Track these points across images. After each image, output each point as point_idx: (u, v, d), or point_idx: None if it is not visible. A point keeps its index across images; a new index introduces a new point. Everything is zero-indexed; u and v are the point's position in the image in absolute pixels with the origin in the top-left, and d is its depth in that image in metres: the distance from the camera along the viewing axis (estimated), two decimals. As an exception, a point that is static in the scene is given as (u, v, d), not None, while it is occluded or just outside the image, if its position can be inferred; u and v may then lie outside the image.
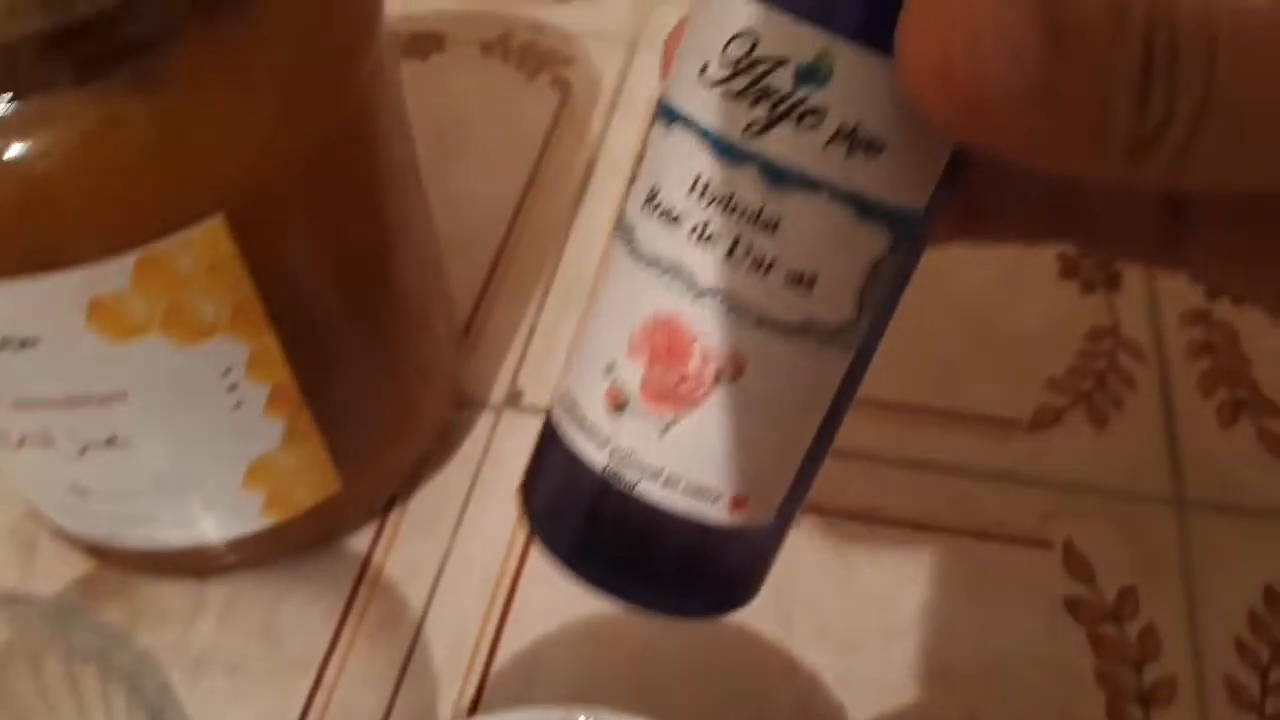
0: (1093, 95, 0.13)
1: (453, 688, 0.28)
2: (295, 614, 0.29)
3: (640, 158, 0.18)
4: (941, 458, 0.32)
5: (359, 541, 0.30)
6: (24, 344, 0.21)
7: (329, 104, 0.21)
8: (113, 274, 0.20)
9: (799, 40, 0.15)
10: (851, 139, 0.16)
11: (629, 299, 0.18)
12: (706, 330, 0.17)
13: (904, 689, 0.27)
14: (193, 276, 0.20)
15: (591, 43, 0.43)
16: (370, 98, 0.22)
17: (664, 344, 0.18)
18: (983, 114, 0.13)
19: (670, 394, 0.18)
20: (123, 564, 0.28)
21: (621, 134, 0.40)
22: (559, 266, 0.36)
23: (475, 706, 0.27)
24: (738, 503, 0.19)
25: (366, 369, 0.26)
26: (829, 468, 0.20)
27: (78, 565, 0.29)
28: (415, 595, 0.29)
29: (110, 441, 0.23)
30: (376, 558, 0.30)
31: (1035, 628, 0.29)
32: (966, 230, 0.21)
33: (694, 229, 0.17)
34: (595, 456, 0.19)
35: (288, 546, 0.29)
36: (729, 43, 0.16)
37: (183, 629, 0.29)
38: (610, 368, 0.18)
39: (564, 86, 0.41)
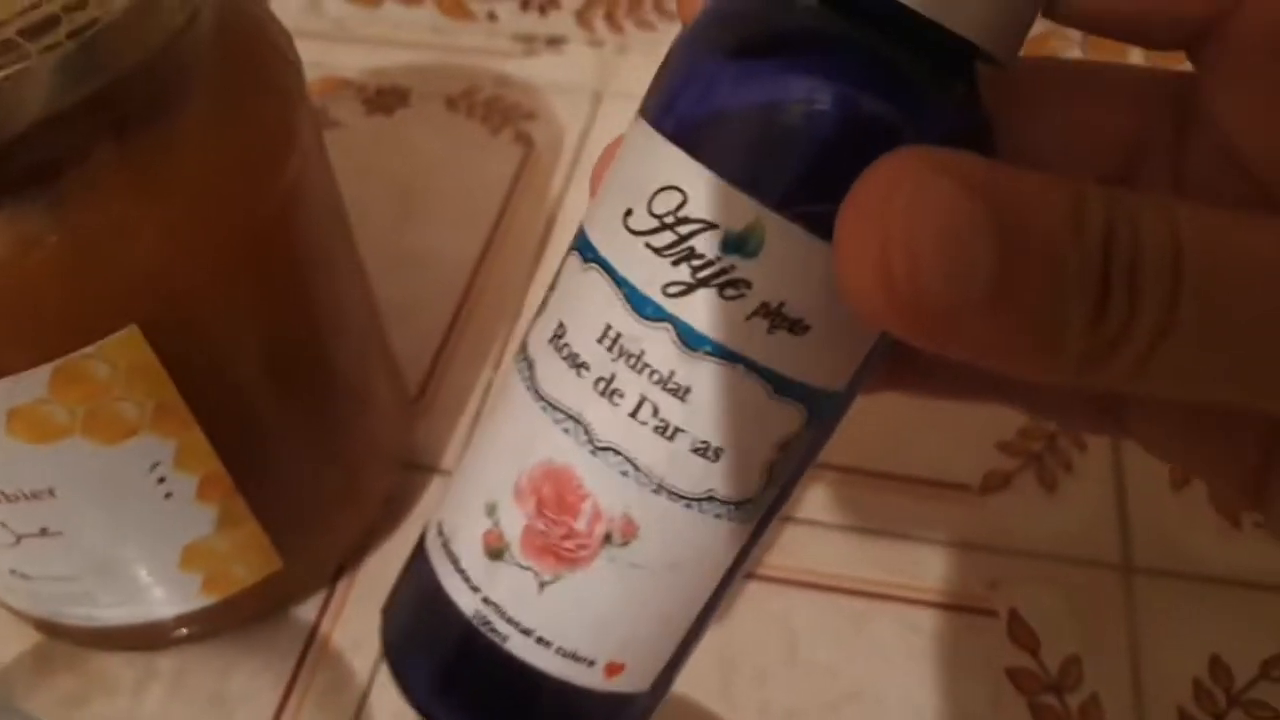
0: (1044, 308, 0.12)
1: (395, 760, 0.28)
2: (244, 684, 0.29)
3: (552, 285, 0.17)
4: (890, 524, 0.32)
5: (308, 610, 0.30)
6: (-45, 442, 0.21)
7: (244, 214, 0.21)
8: (30, 384, 0.20)
9: (731, 206, 0.14)
10: (775, 316, 0.15)
11: (521, 438, 0.17)
12: (600, 488, 0.16)
13: (841, 763, 0.28)
14: (111, 382, 0.21)
15: (555, 97, 0.43)
16: (292, 199, 0.23)
17: (552, 495, 0.16)
18: (923, 321, 0.13)
19: (553, 549, 0.16)
20: (69, 639, 0.29)
21: (582, 191, 0.40)
22: (516, 325, 0.36)
23: (416, 779, 0.28)
24: (613, 669, 0.18)
25: (302, 451, 0.26)
26: (775, 530, 0.20)
27: (32, 635, 0.30)
28: (361, 664, 0.29)
29: (44, 532, 0.23)
30: (324, 627, 0.30)
31: (978, 698, 0.29)
32: (896, 385, 0.20)
33: (599, 381, 0.16)
34: (465, 601, 0.17)
35: (235, 619, 0.29)
36: (657, 193, 0.15)
37: (132, 699, 0.29)
38: (492, 509, 0.17)
39: (527, 142, 0.42)
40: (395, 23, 0.46)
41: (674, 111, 0.15)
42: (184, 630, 0.29)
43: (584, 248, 0.16)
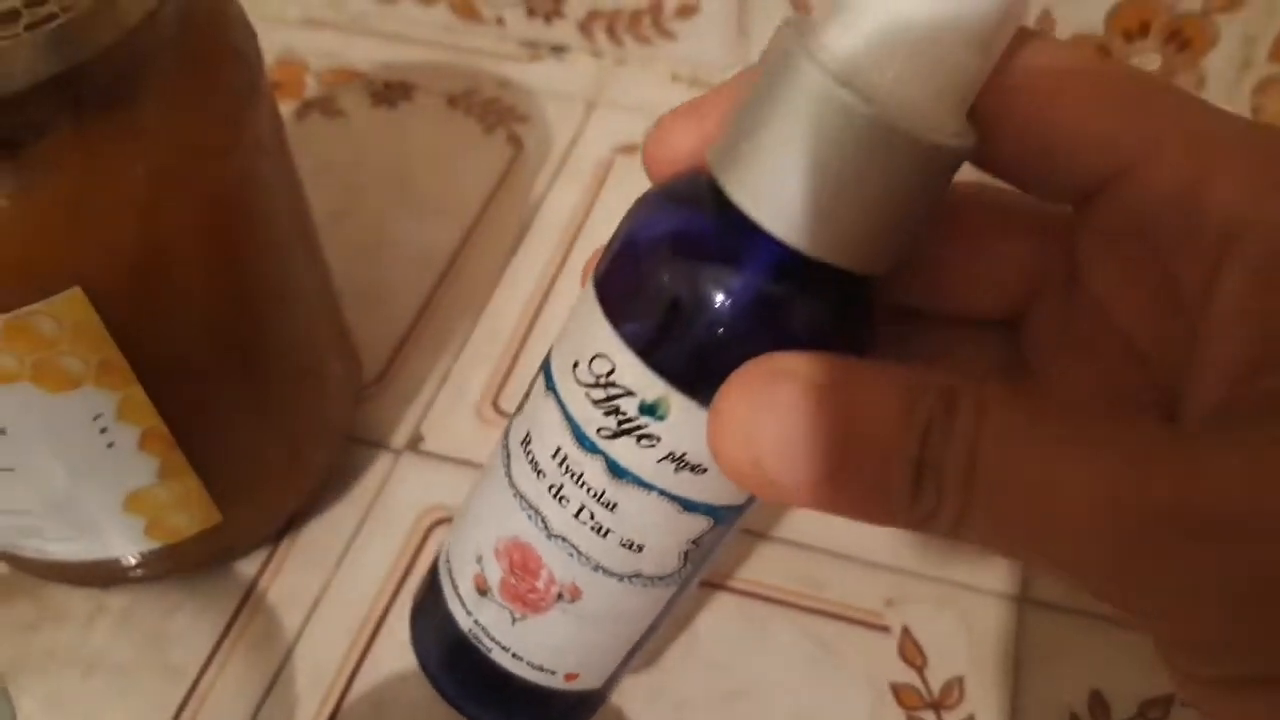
0: (873, 490, 0.16)
1: (309, 712, 0.30)
2: (184, 625, 0.32)
3: (527, 391, 0.22)
4: (798, 535, 0.33)
5: (250, 564, 0.33)
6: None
7: (188, 198, 0.24)
8: (-17, 332, 0.23)
9: (645, 381, 0.18)
10: (679, 461, 0.19)
11: (498, 514, 0.22)
12: (553, 563, 0.21)
13: (717, 754, 0.29)
14: (57, 337, 0.23)
15: (550, 102, 0.45)
16: (238, 188, 0.25)
17: (519, 560, 0.22)
18: (773, 494, 0.16)
19: (520, 598, 0.22)
20: (27, 570, 0.31)
21: (562, 197, 0.42)
22: (479, 320, 0.38)
23: (326, 729, 0.30)
24: (570, 677, 0.24)
25: (242, 416, 0.29)
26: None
27: (-1, 564, 0.33)
28: (291, 621, 0.32)
29: (-2, 468, 0.26)
30: (263, 582, 0.33)
31: (859, 708, 0.30)
32: None
33: (551, 487, 0.20)
34: (461, 619, 0.24)
35: (180, 565, 0.31)
36: (594, 358, 0.19)
37: (81, 630, 0.32)
38: (479, 559, 0.23)
39: (517, 143, 0.44)
40: (410, 20, 0.48)
41: (610, 283, 0.19)
42: (136, 571, 0.31)
43: (547, 377, 0.21)
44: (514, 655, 0.23)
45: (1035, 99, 0.17)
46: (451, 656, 0.25)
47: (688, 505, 0.20)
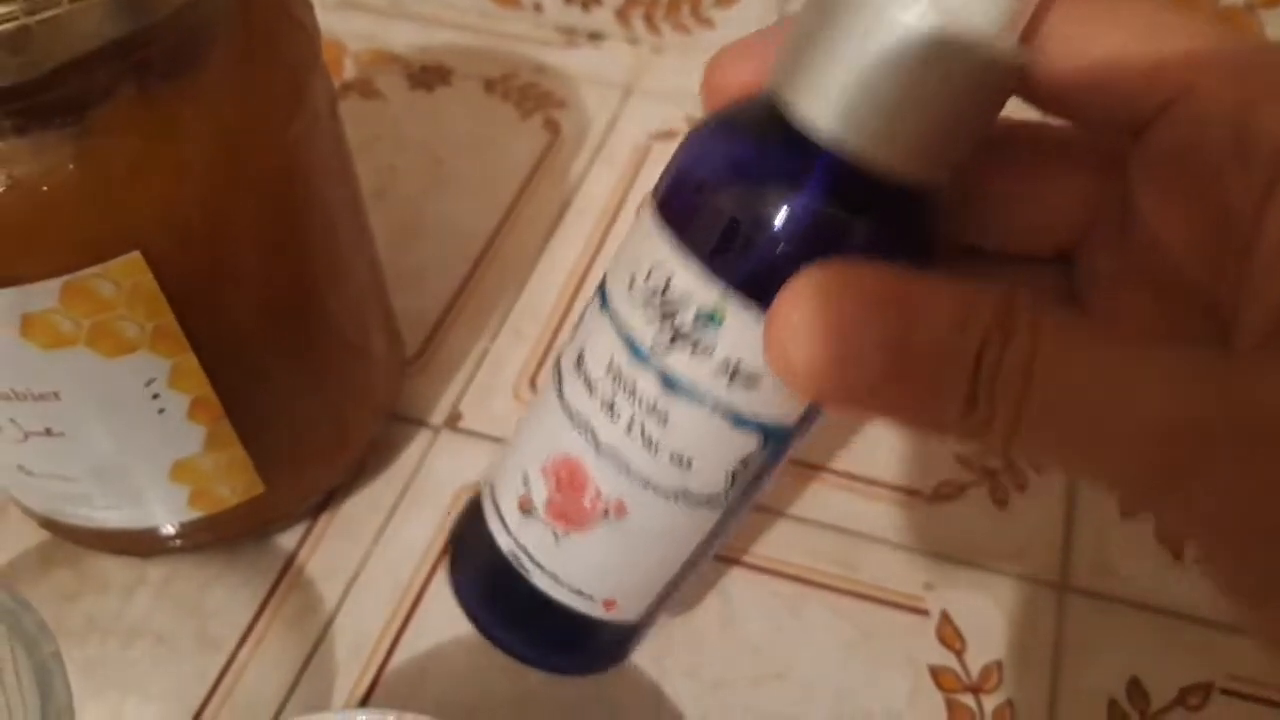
0: (926, 398, 0.16)
1: (349, 681, 0.30)
2: (223, 597, 0.32)
3: (581, 315, 0.22)
4: (839, 519, 0.33)
5: (289, 538, 0.33)
6: (-28, 345, 0.24)
7: (248, 165, 0.24)
8: (42, 294, 0.23)
9: (702, 288, 0.18)
10: (734, 372, 0.19)
11: (549, 432, 0.22)
12: (601, 478, 0.21)
13: (756, 733, 0.29)
14: (115, 301, 0.23)
15: (587, 88, 0.45)
16: (295, 157, 0.25)
17: (567, 477, 0.22)
18: (829, 398, 0.17)
19: (565, 515, 0.22)
20: (70, 538, 0.32)
21: (598, 182, 0.42)
22: (517, 301, 0.39)
23: (366, 701, 0.30)
24: (609, 604, 0.24)
25: (291, 388, 0.29)
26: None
27: (38, 534, 0.33)
28: (330, 594, 0.32)
29: (48, 432, 0.26)
30: (302, 555, 0.33)
31: (897, 690, 0.30)
32: None
33: (603, 400, 0.21)
34: (502, 541, 0.24)
35: (221, 535, 0.31)
36: (651, 270, 0.19)
37: (122, 599, 0.32)
38: (525, 479, 0.23)
39: (554, 128, 0.44)
40: (447, 4, 0.48)
41: (670, 204, 0.19)
42: (174, 541, 0.31)
43: (603, 296, 0.21)
44: (554, 578, 0.23)
45: (1081, 29, 0.17)
46: (489, 581, 0.25)
47: (738, 420, 0.20)
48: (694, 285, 0.18)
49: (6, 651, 0.24)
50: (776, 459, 0.21)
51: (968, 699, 0.30)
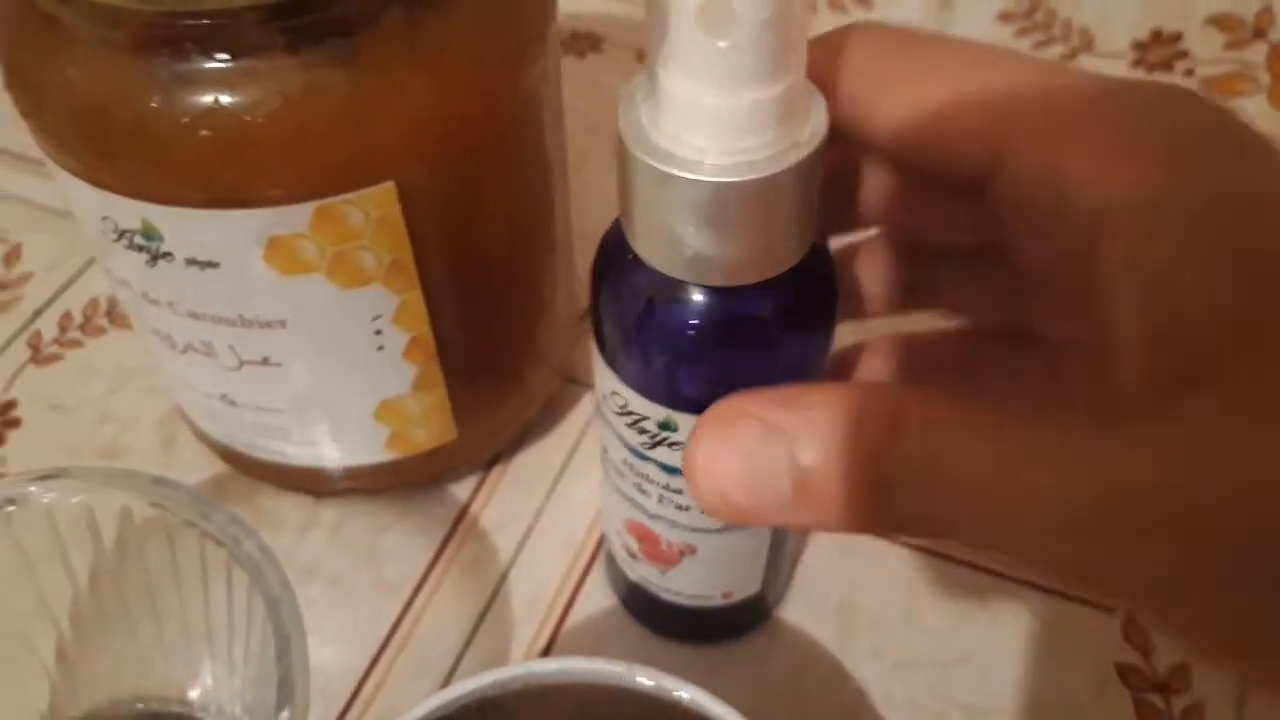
0: (839, 516, 0.17)
1: (527, 634, 0.30)
2: (397, 543, 0.32)
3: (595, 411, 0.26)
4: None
5: (462, 489, 0.33)
6: (206, 265, 0.24)
7: (501, 96, 0.23)
8: (294, 217, 0.22)
9: (650, 408, 0.21)
10: None
11: (614, 504, 0.26)
12: (662, 533, 0.25)
13: (944, 716, 0.29)
14: (361, 230, 0.23)
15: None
16: (536, 94, 0.25)
17: (641, 535, 0.26)
18: (758, 524, 0.20)
19: (655, 557, 0.26)
20: (249, 471, 0.31)
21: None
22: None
23: (545, 655, 0.30)
24: (727, 595, 0.28)
25: (494, 334, 0.28)
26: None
27: (211, 466, 0.33)
28: (505, 546, 0.32)
29: (265, 361, 0.26)
30: (475, 506, 0.32)
31: (1083, 686, 0.29)
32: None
33: (633, 483, 0.24)
34: (629, 572, 0.28)
35: (400, 481, 0.31)
36: (613, 393, 0.22)
37: (296, 538, 0.32)
38: (619, 534, 0.27)
39: (718, 97, 0.43)
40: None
41: (597, 338, 0.22)
42: (351, 482, 0.31)
43: (598, 406, 0.24)
44: (675, 594, 0.27)
45: (901, 90, 0.18)
46: (633, 594, 0.29)
47: None
48: (643, 407, 0.21)
49: (221, 580, 0.24)
50: None
51: (1155, 698, 0.29)
